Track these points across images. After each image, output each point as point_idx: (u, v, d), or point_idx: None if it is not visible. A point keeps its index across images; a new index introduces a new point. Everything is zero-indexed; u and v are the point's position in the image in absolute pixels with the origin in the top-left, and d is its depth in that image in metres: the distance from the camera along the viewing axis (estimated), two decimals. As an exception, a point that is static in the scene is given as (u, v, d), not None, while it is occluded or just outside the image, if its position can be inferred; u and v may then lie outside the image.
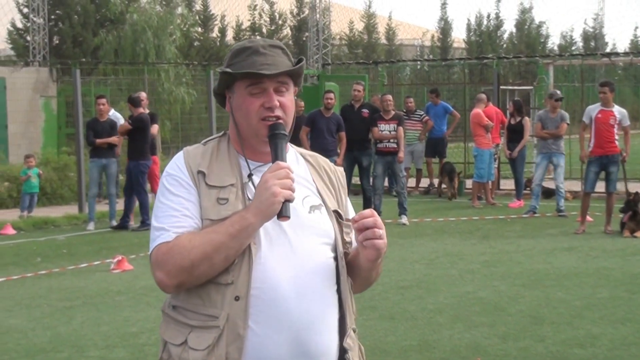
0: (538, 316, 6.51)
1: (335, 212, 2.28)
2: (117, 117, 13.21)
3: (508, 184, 15.36)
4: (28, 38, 24.56)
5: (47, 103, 20.02)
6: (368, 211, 2.15)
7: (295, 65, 2.24)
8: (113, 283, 8.14)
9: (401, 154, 11.88)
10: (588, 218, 11.07)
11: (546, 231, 11.07)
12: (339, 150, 12.16)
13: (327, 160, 2.40)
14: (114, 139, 12.29)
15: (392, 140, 11.85)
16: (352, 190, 12.57)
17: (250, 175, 2.21)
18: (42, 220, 12.63)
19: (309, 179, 2.30)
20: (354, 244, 2.29)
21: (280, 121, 2.21)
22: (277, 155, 2.18)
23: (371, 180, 12.40)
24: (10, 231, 11.93)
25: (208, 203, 2.17)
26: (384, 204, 12.29)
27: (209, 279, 2.12)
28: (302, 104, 14.32)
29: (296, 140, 13.53)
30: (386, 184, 13.75)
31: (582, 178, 11.71)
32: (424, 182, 16.27)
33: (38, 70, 20.58)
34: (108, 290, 7.78)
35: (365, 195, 12.39)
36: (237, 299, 2.10)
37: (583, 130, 11.14)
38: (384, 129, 11.88)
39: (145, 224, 11.81)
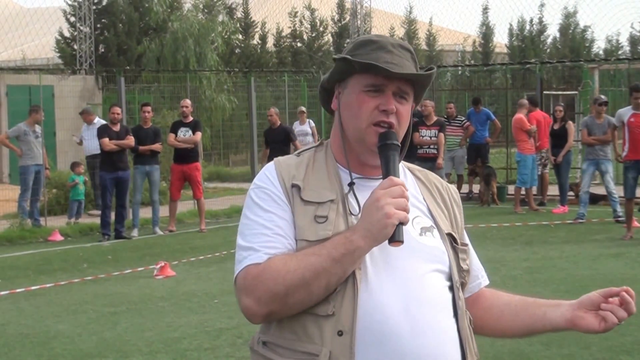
0: (583, 323, 6.41)
1: (449, 235, 1.99)
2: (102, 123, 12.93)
3: (552, 190, 15.17)
4: (75, 47, 25.00)
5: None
6: (627, 289, 1.94)
7: (425, 71, 1.94)
8: (156, 289, 8.23)
9: (440, 160, 11.82)
10: (635, 224, 10.89)
11: (591, 237, 10.90)
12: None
13: (438, 177, 2.12)
14: (157, 146, 12.45)
15: (432, 146, 11.81)
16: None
17: (352, 184, 1.91)
18: (88, 227, 12.85)
19: (419, 197, 2.01)
20: (473, 272, 2.06)
21: (394, 130, 1.91)
22: (389, 169, 1.86)
23: None
24: (58, 237, 12.16)
25: (304, 221, 1.87)
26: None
27: (305, 310, 1.83)
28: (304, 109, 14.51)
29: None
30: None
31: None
32: (465, 188, 16.15)
33: (84, 78, 20.93)
34: (151, 296, 7.88)
35: None
36: (340, 333, 1.80)
37: (614, 130, 11.13)
38: (425, 134, 11.85)
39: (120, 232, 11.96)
